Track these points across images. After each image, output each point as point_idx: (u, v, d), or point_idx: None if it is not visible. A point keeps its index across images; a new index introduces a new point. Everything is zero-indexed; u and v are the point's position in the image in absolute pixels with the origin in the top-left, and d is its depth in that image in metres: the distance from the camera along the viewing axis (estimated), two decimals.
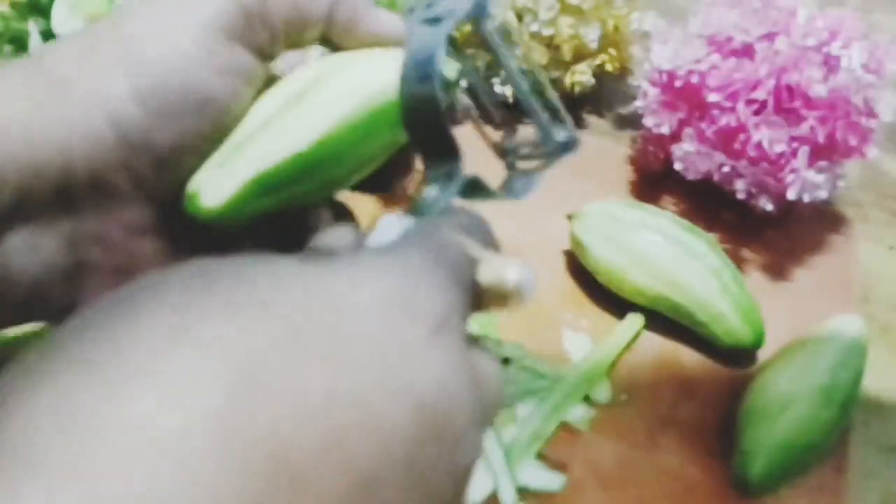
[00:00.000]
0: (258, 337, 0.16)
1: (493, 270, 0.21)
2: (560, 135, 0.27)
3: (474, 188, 0.25)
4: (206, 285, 0.17)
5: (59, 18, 0.43)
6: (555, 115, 0.27)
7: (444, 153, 0.24)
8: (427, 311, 0.18)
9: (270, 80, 0.26)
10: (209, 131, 0.25)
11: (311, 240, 0.25)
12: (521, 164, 0.28)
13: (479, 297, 0.21)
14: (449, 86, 0.25)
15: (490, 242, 0.23)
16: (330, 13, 0.26)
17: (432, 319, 0.18)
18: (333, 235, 0.24)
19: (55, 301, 0.26)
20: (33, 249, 0.24)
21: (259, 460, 0.15)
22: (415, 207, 0.24)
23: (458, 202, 0.24)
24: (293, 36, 0.26)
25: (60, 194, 0.24)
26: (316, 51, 0.27)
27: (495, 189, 0.26)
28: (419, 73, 0.24)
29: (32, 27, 0.44)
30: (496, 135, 0.30)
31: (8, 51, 0.45)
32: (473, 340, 0.21)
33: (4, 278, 0.24)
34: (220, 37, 0.24)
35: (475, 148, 0.38)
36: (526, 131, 0.28)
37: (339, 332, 0.17)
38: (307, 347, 0.16)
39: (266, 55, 0.26)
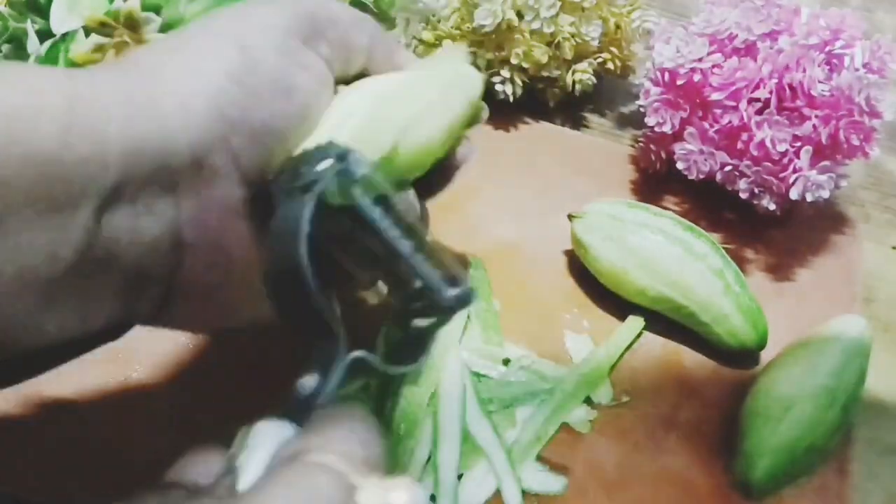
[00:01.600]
0: None
1: (374, 497, 0.20)
2: (451, 291, 0.25)
3: (358, 370, 0.23)
4: None
5: (58, 18, 0.43)
6: (444, 267, 0.25)
7: (318, 333, 0.23)
8: None
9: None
10: (296, 118, 0.28)
11: (175, 471, 0.23)
12: (418, 323, 0.26)
13: None
14: (321, 258, 0.23)
15: (374, 453, 0.22)
16: (371, 47, 0.31)
17: None
18: (199, 465, 0.22)
19: (153, 285, 0.26)
20: (136, 230, 0.25)
21: None
22: (290, 405, 0.22)
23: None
24: (342, 61, 0.30)
25: (161, 173, 0.25)
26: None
27: (383, 364, 0.24)
28: (285, 246, 0.23)
29: (30, 27, 0.43)
30: (380, 295, 0.28)
31: (6, 50, 0.45)
32: None
33: (109, 259, 0.24)
34: (296, 38, 0.28)
35: (481, 149, 0.37)
36: (413, 285, 0.25)
37: None
38: None
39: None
